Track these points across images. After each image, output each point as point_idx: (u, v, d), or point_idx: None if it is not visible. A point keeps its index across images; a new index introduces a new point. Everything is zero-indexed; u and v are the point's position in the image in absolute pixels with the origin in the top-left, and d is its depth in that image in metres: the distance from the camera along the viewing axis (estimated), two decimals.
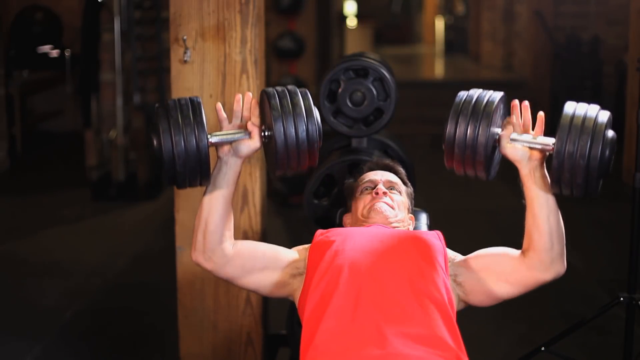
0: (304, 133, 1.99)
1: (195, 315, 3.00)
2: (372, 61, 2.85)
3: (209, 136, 2.01)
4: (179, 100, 2.01)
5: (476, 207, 5.74)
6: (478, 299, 2.10)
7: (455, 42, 14.68)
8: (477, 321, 3.64)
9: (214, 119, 2.86)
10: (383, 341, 1.84)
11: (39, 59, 8.06)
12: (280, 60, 7.25)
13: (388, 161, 2.48)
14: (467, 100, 2.01)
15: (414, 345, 1.84)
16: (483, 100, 2.00)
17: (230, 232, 2.12)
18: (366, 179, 2.35)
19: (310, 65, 7.65)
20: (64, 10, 8.26)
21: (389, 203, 2.26)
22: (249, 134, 2.06)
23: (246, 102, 2.10)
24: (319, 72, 7.61)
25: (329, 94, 2.83)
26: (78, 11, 6.65)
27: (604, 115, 1.93)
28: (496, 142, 2.02)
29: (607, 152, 1.89)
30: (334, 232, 2.15)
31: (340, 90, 2.80)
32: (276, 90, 2.03)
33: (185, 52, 2.84)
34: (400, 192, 2.34)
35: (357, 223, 2.29)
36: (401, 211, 2.29)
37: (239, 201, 2.91)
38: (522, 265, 2.05)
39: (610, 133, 1.91)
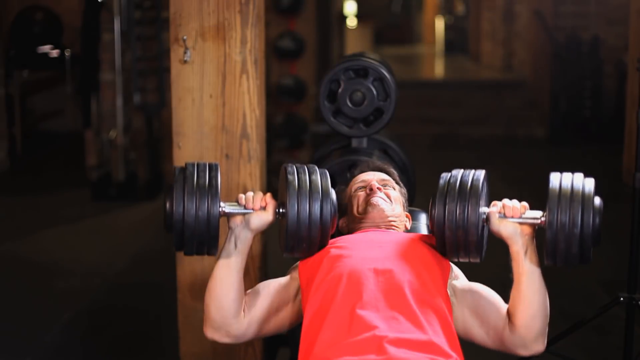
0: (318, 216, 1.98)
1: (195, 315, 2.99)
2: (372, 61, 2.85)
3: (222, 205, 2.00)
4: (197, 165, 2.00)
5: None
6: (457, 327, 2.07)
7: (455, 42, 14.68)
8: None
9: (215, 119, 2.87)
10: (381, 348, 1.83)
11: (39, 59, 8.05)
12: (280, 60, 7.25)
13: (380, 163, 2.47)
14: (452, 181, 2.02)
15: (412, 351, 1.83)
16: (468, 180, 2.01)
17: (242, 302, 2.09)
18: (359, 180, 2.35)
19: (310, 65, 7.64)
20: (64, 10, 8.25)
21: (384, 198, 2.26)
22: (264, 208, 2.04)
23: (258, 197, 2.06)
24: (319, 72, 7.60)
25: (329, 94, 2.84)
26: (78, 11, 6.65)
27: (590, 183, 1.96)
28: (484, 221, 2.01)
29: (598, 220, 1.92)
30: (330, 241, 2.14)
31: (340, 90, 2.80)
32: (296, 168, 2.03)
33: (185, 52, 2.84)
34: (394, 189, 2.33)
35: (354, 222, 2.28)
36: (397, 205, 2.28)
37: None
38: (503, 332, 2.04)
39: (598, 201, 1.94)
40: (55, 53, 8.05)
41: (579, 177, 1.97)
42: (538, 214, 2.00)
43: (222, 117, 2.86)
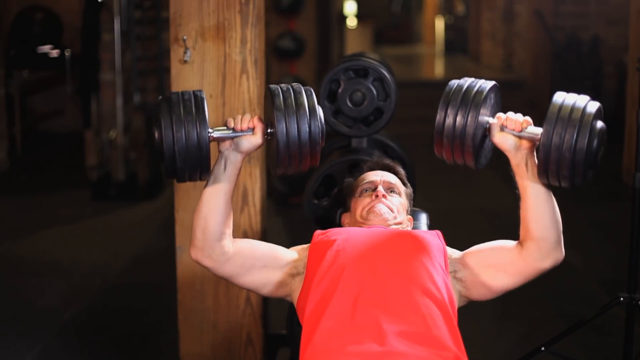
0: (307, 132, 1.98)
1: (195, 315, 3.00)
2: (372, 61, 2.85)
3: (210, 131, 2.00)
4: (182, 94, 2.01)
5: (476, 207, 5.74)
6: (479, 293, 2.10)
7: (455, 42, 14.68)
8: (477, 321, 3.65)
9: (215, 119, 2.87)
10: (382, 339, 1.85)
11: (39, 59, 8.06)
12: (280, 60, 7.25)
13: (388, 161, 2.47)
14: (457, 89, 2.01)
15: (413, 344, 1.85)
16: (473, 89, 2.00)
17: (229, 229, 2.11)
18: (366, 180, 2.35)
19: (310, 65, 7.65)
20: (64, 10, 8.26)
21: (389, 205, 2.26)
22: (252, 130, 2.06)
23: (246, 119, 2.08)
24: (319, 72, 7.61)
25: (329, 94, 2.84)
26: (78, 11, 6.65)
27: (593, 106, 1.92)
28: (486, 130, 2.02)
29: (595, 144, 1.88)
30: (334, 232, 2.15)
31: (340, 90, 2.80)
32: (281, 88, 2.03)
33: (185, 52, 2.84)
34: (399, 194, 2.33)
35: (355, 224, 2.29)
36: (400, 214, 2.29)
37: (239, 201, 2.91)
38: (520, 256, 2.05)
39: (599, 124, 1.91)
40: (55, 53, 8.06)
41: (583, 98, 1.95)
42: (539, 130, 1.96)
43: (222, 117, 2.86)
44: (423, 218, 2.59)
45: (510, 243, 2.09)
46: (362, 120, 2.83)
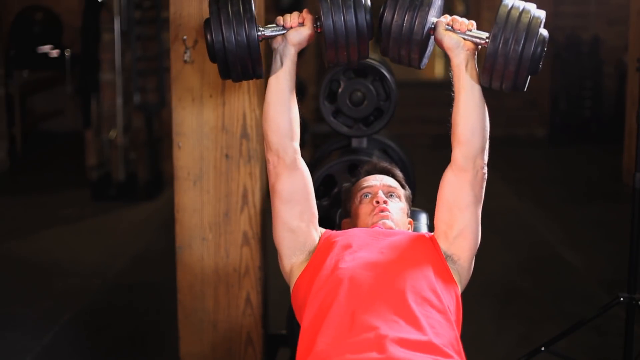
0: (353, 24, 2.01)
1: (195, 315, 3.00)
2: (372, 61, 2.85)
3: (261, 29, 2.04)
4: None
5: None
6: (466, 254, 2.11)
7: None
8: (477, 321, 3.65)
9: (215, 119, 2.87)
10: (382, 348, 1.83)
11: (39, 59, 8.06)
12: None
13: (386, 164, 2.47)
14: None
15: (413, 352, 1.84)
16: None
17: (298, 132, 2.12)
18: (364, 185, 2.34)
19: (310, 65, 7.65)
20: (64, 10, 8.26)
21: (391, 217, 2.26)
22: (302, 24, 2.08)
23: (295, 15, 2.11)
24: (319, 72, 7.60)
25: (329, 94, 2.84)
26: (78, 11, 6.65)
27: (541, 13, 1.99)
28: (431, 30, 2.05)
29: (539, 49, 1.95)
30: (337, 234, 2.14)
31: (340, 90, 2.80)
32: None
33: (185, 52, 2.84)
34: (399, 197, 2.33)
35: (357, 227, 2.28)
36: (401, 219, 2.30)
37: (239, 201, 2.91)
38: (452, 177, 2.09)
39: (545, 32, 1.97)
40: (55, 53, 8.06)
41: (531, 5, 2.01)
42: (484, 34, 2.03)
43: (222, 117, 2.87)
44: (423, 218, 2.59)
45: (445, 175, 2.13)
46: (362, 120, 2.84)
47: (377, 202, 2.26)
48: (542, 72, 2.03)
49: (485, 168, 2.10)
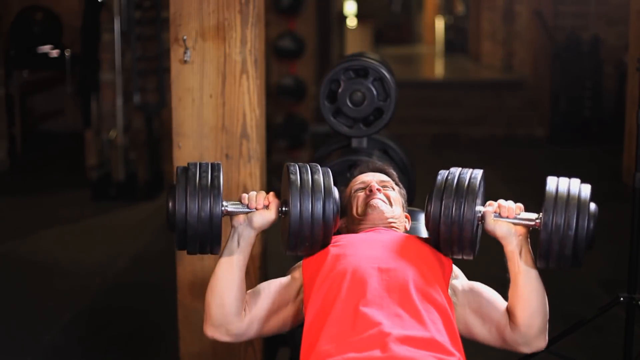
0: (320, 214, 1.99)
1: (195, 315, 3.00)
2: (372, 61, 2.85)
3: (224, 204, 2.00)
4: (200, 165, 2.00)
5: None
6: (459, 324, 2.09)
7: (455, 42, 14.68)
8: None
9: (215, 119, 2.87)
10: (385, 345, 1.83)
11: (39, 59, 8.05)
12: (280, 60, 7.25)
13: (379, 164, 2.47)
14: (450, 179, 2.04)
15: (415, 349, 1.84)
16: (466, 178, 2.03)
17: (243, 301, 2.09)
18: (358, 181, 2.35)
19: (310, 65, 7.65)
20: (64, 10, 8.25)
21: (384, 199, 2.26)
22: (267, 206, 2.05)
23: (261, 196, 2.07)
24: (319, 72, 7.61)
25: (329, 94, 2.84)
26: (78, 11, 6.64)
27: (587, 189, 1.99)
28: (479, 219, 2.03)
29: (592, 224, 1.94)
30: (335, 239, 2.14)
31: (340, 90, 2.80)
32: (298, 166, 2.04)
33: (185, 52, 2.84)
34: (393, 189, 2.33)
35: (353, 223, 2.28)
36: (397, 206, 2.29)
37: None
38: (507, 329, 2.07)
39: (593, 206, 1.97)
40: (55, 53, 8.05)
41: (575, 182, 2.01)
42: (533, 215, 2.02)
43: (222, 117, 2.87)
44: (423, 218, 2.59)
45: (504, 306, 2.09)
46: (362, 120, 2.83)
47: (371, 191, 2.26)
48: (542, 72, 2.02)
49: (545, 344, 2.08)
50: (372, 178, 2.33)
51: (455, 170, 2.06)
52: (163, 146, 6.30)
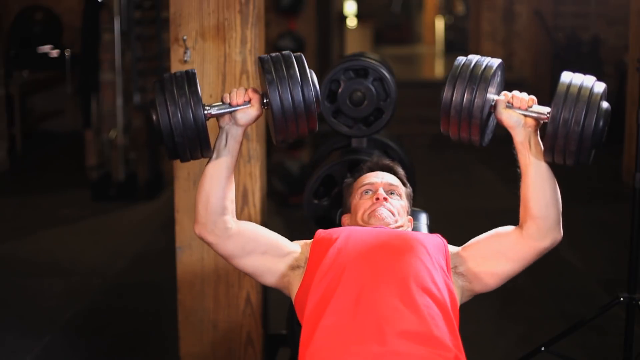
0: (301, 99, 2.00)
1: (195, 315, 3.00)
2: (372, 61, 2.85)
3: (207, 107, 2.03)
4: (174, 73, 2.03)
5: (476, 207, 5.74)
6: (482, 283, 2.12)
7: (455, 42, 14.68)
8: (477, 321, 3.65)
9: (214, 120, 2.87)
10: (383, 339, 1.85)
11: (39, 59, 8.06)
12: None
13: (388, 161, 2.47)
14: (466, 65, 2.04)
15: (413, 344, 1.85)
16: (482, 65, 2.02)
17: (232, 205, 2.11)
18: (366, 181, 2.34)
19: (311, 65, 7.61)
20: (64, 10, 8.26)
21: (390, 209, 2.26)
22: (249, 103, 2.06)
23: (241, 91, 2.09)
24: (319, 72, 7.59)
25: (329, 94, 2.83)
26: (78, 11, 6.65)
27: (600, 87, 1.97)
28: (492, 107, 2.04)
29: (602, 122, 1.92)
30: (336, 231, 2.15)
31: (340, 90, 2.80)
32: (271, 58, 2.05)
33: (185, 52, 2.84)
34: (400, 195, 2.33)
35: (357, 224, 2.29)
36: (401, 216, 2.29)
37: (239, 201, 2.91)
38: (520, 238, 2.08)
39: (605, 104, 1.95)
40: (55, 53, 8.06)
41: (590, 79, 1.99)
42: (545, 109, 2.00)
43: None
44: (423, 218, 2.59)
45: (507, 228, 2.11)
46: (362, 120, 2.83)
47: (377, 199, 2.26)
48: (542, 72, 2.03)
49: (561, 235, 2.09)
50: (380, 180, 2.33)
51: (473, 58, 2.06)
52: (163, 146, 6.29)
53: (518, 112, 2.03)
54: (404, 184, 2.40)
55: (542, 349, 2.94)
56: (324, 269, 2.03)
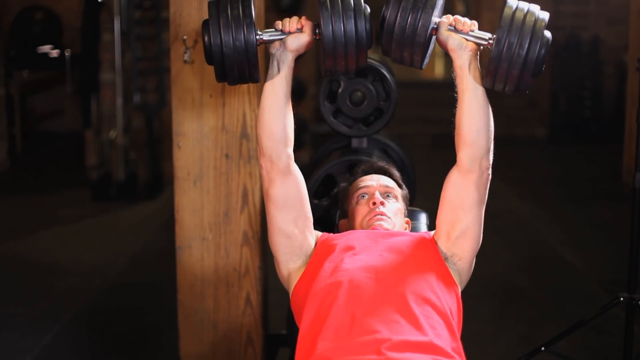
0: (353, 32, 2.01)
1: (195, 315, 3.00)
2: (372, 61, 2.85)
3: (259, 33, 2.03)
4: None
5: None
6: (468, 254, 2.11)
7: None
8: (477, 321, 3.65)
9: (215, 119, 2.87)
10: (380, 351, 1.83)
11: (39, 59, 8.06)
12: None
13: (383, 164, 2.46)
14: None
15: (413, 354, 1.83)
16: None
17: (292, 138, 2.11)
18: (361, 185, 2.34)
19: (310, 66, 7.66)
20: (64, 10, 8.26)
21: (387, 214, 2.26)
22: (301, 30, 2.07)
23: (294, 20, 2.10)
24: (319, 72, 7.61)
25: (329, 94, 2.84)
26: (78, 11, 6.65)
27: (544, 15, 1.98)
28: (433, 31, 2.04)
29: (544, 50, 1.93)
30: (335, 237, 2.14)
31: (340, 90, 2.80)
32: None
33: (185, 52, 2.84)
34: (396, 197, 2.33)
35: (354, 229, 2.28)
36: (398, 220, 2.29)
37: (239, 201, 2.91)
38: (458, 177, 2.08)
39: (548, 34, 1.96)
40: (55, 53, 8.06)
41: (535, 7, 2.00)
42: (487, 35, 2.02)
43: (222, 117, 2.87)
44: (422, 218, 2.59)
45: (449, 175, 2.11)
46: (362, 120, 2.84)
47: (374, 204, 2.26)
48: (542, 72, 2.03)
49: (490, 169, 2.10)
50: (375, 184, 2.33)
51: None
52: (163, 146, 6.30)
53: (460, 35, 2.03)
54: (399, 186, 2.39)
55: (542, 349, 2.94)
56: (319, 283, 2.02)
